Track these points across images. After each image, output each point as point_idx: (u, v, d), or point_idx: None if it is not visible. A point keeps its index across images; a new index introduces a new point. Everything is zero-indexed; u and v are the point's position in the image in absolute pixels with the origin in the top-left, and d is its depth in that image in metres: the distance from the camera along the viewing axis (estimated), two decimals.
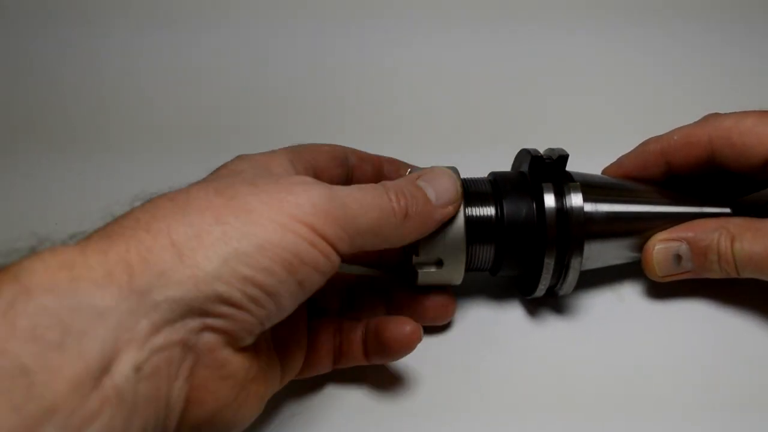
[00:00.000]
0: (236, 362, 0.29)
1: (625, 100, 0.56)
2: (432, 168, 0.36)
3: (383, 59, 0.59)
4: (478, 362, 0.42)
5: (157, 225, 0.27)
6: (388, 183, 0.33)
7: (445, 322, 0.42)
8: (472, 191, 0.39)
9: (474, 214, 0.38)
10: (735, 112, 0.40)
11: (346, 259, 0.31)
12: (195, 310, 0.26)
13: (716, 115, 0.41)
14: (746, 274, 0.39)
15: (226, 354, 0.28)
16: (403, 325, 0.37)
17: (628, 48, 0.59)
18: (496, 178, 0.41)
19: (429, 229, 0.35)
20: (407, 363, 0.41)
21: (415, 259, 0.38)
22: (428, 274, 0.38)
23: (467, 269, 0.39)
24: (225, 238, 0.27)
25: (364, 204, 0.31)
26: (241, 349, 0.29)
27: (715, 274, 0.41)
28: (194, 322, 0.27)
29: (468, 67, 0.59)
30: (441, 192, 0.35)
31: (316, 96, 0.57)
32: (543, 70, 0.58)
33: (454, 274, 0.38)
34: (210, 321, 0.27)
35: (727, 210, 0.42)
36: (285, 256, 0.28)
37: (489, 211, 0.39)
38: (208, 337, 0.27)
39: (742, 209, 0.42)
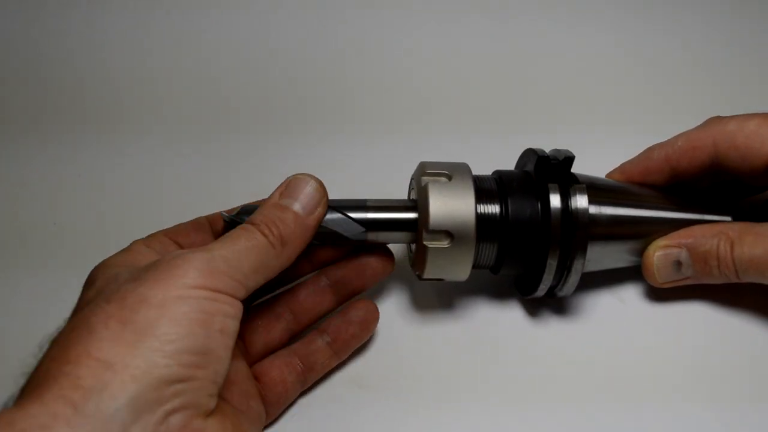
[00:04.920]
0: (210, 429, 0.30)
1: (629, 96, 0.57)
2: (290, 179, 0.36)
3: (392, 47, 0.60)
4: (477, 362, 0.42)
5: (75, 353, 0.28)
6: (256, 217, 0.34)
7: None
8: (477, 187, 0.39)
9: (480, 210, 0.38)
10: (737, 115, 0.41)
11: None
12: (149, 402, 0.28)
13: (719, 118, 0.41)
14: (747, 279, 0.40)
15: (198, 425, 0.30)
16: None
17: (633, 44, 0.60)
18: (501, 176, 0.41)
19: (309, 239, 0.36)
20: (407, 362, 0.41)
21: (425, 235, 0.37)
22: (438, 251, 0.38)
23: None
24: (138, 333, 0.28)
25: (239, 250, 0.32)
26: (210, 415, 0.30)
27: (716, 280, 0.41)
28: (155, 414, 0.28)
29: (474, 58, 0.59)
30: (306, 201, 0.36)
31: (321, 85, 0.57)
32: (547, 65, 0.59)
33: (464, 254, 0.38)
34: (168, 406, 0.28)
35: (728, 218, 0.42)
36: (195, 316, 0.29)
37: (494, 208, 0.39)
38: (176, 419, 0.29)
39: (742, 216, 0.42)
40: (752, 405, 0.40)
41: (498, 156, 0.44)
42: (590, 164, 0.43)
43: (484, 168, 0.42)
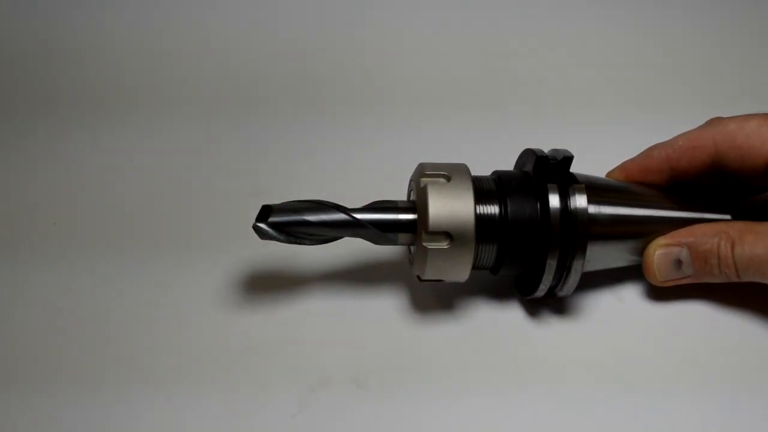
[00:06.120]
0: None
1: (630, 94, 0.57)
2: None
3: (393, 45, 0.60)
4: (477, 362, 0.41)
5: None
6: None
7: None
8: (476, 189, 0.39)
9: (479, 211, 0.38)
10: (738, 115, 0.41)
11: None
12: None
13: (719, 118, 0.41)
14: (748, 278, 0.40)
15: None
16: None
17: (635, 42, 0.60)
18: (500, 176, 0.40)
19: None
20: (407, 362, 0.41)
21: (424, 236, 0.37)
22: (438, 252, 0.38)
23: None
24: None
25: None
26: None
27: (716, 279, 0.41)
28: None
29: (475, 58, 0.59)
30: None
31: (321, 82, 0.58)
32: (549, 62, 0.59)
33: (463, 255, 0.38)
34: None
35: (728, 217, 0.42)
36: None
37: (493, 209, 0.39)
38: None
39: (742, 215, 0.42)
40: (753, 405, 0.40)
41: (498, 155, 0.44)
42: (591, 162, 0.43)
43: (483, 168, 0.42)
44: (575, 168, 0.40)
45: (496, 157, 0.44)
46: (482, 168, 0.41)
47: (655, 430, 0.39)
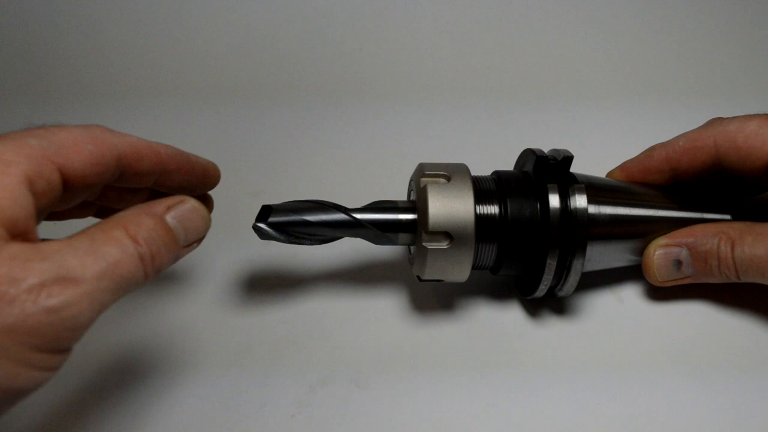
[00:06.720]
0: None
1: (632, 92, 0.57)
2: (183, 201, 0.32)
3: (392, 26, 0.61)
4: (477, 362, 0.41)
5: None
6: (139, 231, 0.29)
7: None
8: (476, 189, 0.39)
9: (479, 211, 0.39)
10: (738, 116, 0.41)
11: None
12: None
13: (720, 119, 0.41)
14: (747, 279, 0.40)
15: None
16: None
17: (641, 41, 0.61)
18: (500, 176, 0.41)
19: (169, 265, 0.31)
20: (406, 362, 0.41)
21: (424, 236, 0.38)
22: (438, 252, 0.38)
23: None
24: None
25: (109, 264, 0.27)
26: None
27: (716, 279, 0.41)
28: None
29: (477, 56, 0.59)
30: (191, 232, 0.32)
31: (323, 77, 0.58)
32: (553, 61, 0.59)
33: (463, 255, 0.38)
34: None
35: (728, 217, 0.43)
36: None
37: (493, 209, 0.39)
38: None
39: (742, 215, 0.42)
40: (752, 404, 0.40)
41: (498, 155, 0.45)
42: (591, 162, 0.43)
43: (483, 168, 0.42)
44: (575, 167, 0.40)
45: (496, 157, 0.44)
46: (482, 168, 0.42)
47: (656, 429, 0.39)
